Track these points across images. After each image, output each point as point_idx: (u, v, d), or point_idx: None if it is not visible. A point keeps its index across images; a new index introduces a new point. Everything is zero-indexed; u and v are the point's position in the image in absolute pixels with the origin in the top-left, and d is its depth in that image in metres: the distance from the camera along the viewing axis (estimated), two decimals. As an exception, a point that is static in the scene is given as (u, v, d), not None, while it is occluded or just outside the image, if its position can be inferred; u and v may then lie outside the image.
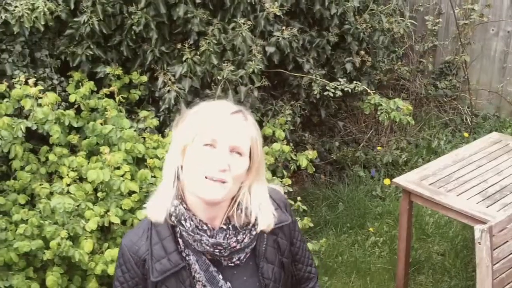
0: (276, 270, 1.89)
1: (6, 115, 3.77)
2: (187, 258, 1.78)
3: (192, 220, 1.77)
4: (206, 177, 1.70)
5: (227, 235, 1.78)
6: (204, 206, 1.76)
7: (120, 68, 4.37)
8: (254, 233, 1.82)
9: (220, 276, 1.80)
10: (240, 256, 1.82)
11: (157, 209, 1.79)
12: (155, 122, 4.26)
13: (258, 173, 1.81)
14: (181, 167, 1.77)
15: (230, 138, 1.72)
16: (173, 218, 1.78)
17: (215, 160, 1.70)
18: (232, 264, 1.81)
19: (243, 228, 1.81)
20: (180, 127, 1.79)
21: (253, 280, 1.85)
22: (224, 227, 1.80)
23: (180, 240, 1.79)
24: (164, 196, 1.79)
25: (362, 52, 5.11)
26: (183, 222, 1.76)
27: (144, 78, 4.44)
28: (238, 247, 1.79)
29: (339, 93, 4.62)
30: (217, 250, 1.77)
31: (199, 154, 1.72)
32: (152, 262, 1.77)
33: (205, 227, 1.77)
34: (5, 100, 3.84)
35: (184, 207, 1.78)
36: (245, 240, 1.81)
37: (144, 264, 1.78)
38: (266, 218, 1.83)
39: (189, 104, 4.29)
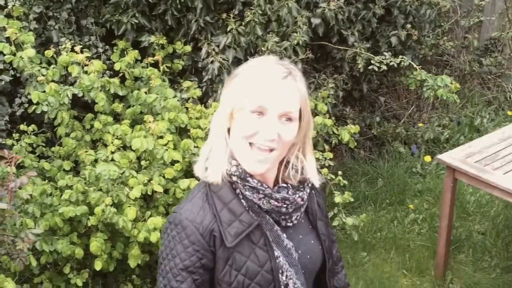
0: (325, 227, 1.90)
1: (53, 81, 3.80)
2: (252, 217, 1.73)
3: (253, 178, 1.72)
4: (251, 144, 1.66)
5: (289, 192, 1.77)
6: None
7: (164, 38, 4.36)
8: (308, 190, 1.81)
9: (284, 235, 1.76)
10: (298, 214, 1.79)
11: (213, 169, 1.72)
12: (198, 92, 4.26)
13: (309, 128, 1.77)
14: (228, 130, 1.73)
15: (280, 106, 1.65)
16: (234, 178, 1.71)
17: (264, 130, 1.65)
18: (290, 224, 1.79)
19: (300, 186, 1.79)
20: (229, 88, 1.72)
21: (307, 238, 1.83)
22: (284, 185, 1.78)
23: (243, 201, 1.72)
24: (218, 156, 1.73)
25: (408, 26, 5.01)
26: (249, 179, 1.71)
27: (188, 48, 4.43)
28: (301, 203, 1.78)
29: (384, 67, 4.55)
30: (284, 206, 1.73)
31: (246, 121, 1.66)
32: (223, 228, 1.69)
33: (265, 185, 1.72)
34: (52, 66, 3.87)
35: (242, 169, 1.72)
36: (305, 198, 1.79)
37: (211, 234, 1.70)
38: (315, 173, 1.82)
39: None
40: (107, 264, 3.63)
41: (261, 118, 1.66)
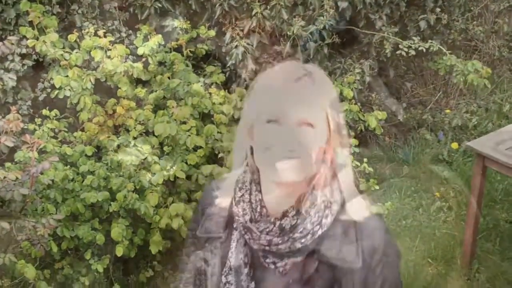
0: None
1: (76, 66, 3.77)
2: (233, 231, 1.59)
3: (250, 194, 1.57)
4: (274, 157, 1.47)
5: (267, 229, 1.52)
6: (275, 186, 1.53)
7: (188, 22, 4.31)
8: (298, 245, 1.51)
9: (246, 270, 1.56)
10: (275, 260, 1.53)
11: (222, 196, 1.63)
12: (221, 77, 4.21)
13: (341, 138, 1.52)
14: (251, 148, 1.55)
15: (296, 112, 1.45)
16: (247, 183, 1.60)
17: (281, 139, 1.46)
18: (266, 265, 1.55)
19: (288, 234, 1.51)
20: (246, 101, 1.57)
21: None
22: (273, 220, 1.54)
23: (235, 208, 1.58)
24: (231, 184, 1.62)
25: (438, 9, 4.89)
26: (237, 189, 1.58)
27: (212, 33, 4.36)
28: (266, 248, 1.52)
29: (412, 52, 4.45)
30: (247, 236, 1.54)
31: (263, 133, 1.48)
32: (204, 217, 1.65)
33: (258, 209, 1.55)
34: (75, 51, 3.84)
35: (250, 178, 1.58)
36: (280, 247, 1.50)
37: (203, 214, 1.67)
38: (352, 205, 1.54)
39: (256, 60, 4.23)
40: (128, 250, 3.61)
41: (277, 127, 1.47)
